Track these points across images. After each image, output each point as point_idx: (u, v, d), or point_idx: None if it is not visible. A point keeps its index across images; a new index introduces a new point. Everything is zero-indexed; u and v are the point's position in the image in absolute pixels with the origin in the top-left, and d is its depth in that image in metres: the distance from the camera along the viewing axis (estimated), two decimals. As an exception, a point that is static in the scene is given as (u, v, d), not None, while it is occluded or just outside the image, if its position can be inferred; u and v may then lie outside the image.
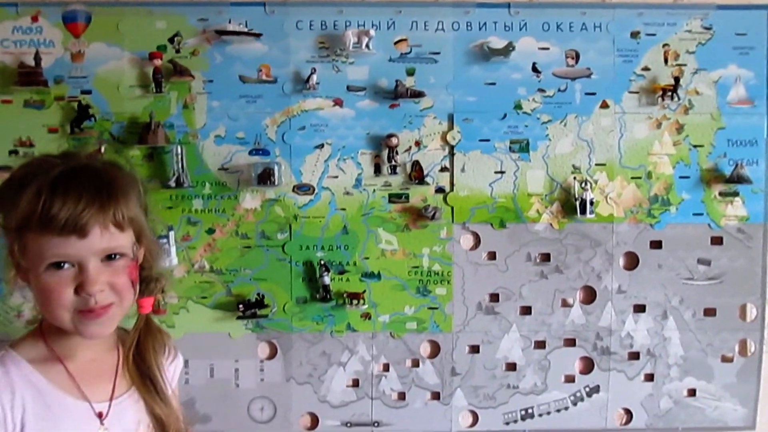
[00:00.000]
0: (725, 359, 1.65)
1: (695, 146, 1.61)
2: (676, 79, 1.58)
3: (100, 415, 1.10)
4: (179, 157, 1.54)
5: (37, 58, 1.53)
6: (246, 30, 1.55)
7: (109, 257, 1.05)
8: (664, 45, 1.60)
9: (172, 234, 1.55)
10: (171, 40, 1.55)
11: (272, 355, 1.62)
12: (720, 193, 1.62)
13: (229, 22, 1.55)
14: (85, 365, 1.12)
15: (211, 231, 1.58)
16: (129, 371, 1.16)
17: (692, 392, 1.65)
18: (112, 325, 1.09)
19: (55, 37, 1.55)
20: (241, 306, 1.57)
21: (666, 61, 1.60)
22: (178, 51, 1.55)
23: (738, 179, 1.59)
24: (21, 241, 1.04)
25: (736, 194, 1.61)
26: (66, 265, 1.02)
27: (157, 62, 1.53)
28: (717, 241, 1.63)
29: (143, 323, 1.19)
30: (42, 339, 1.11)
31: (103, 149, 1.53)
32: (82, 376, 1.10)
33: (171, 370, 1.26)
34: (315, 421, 1.63)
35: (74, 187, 1.03)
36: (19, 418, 1.04)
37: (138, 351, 1.17)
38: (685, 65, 1.60)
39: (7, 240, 1.08)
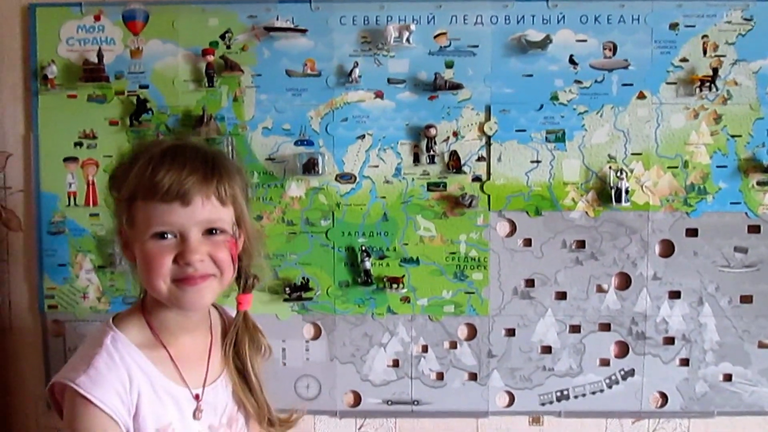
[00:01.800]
0: (762, 345, 1.65)
1: (733, 136, 1.62)
2: (715, 70, 1.58)
3: (196, 398, 1.16)
4: (230, 147, 1.61)
5: (100, 55, 1.61)
6: (292, 26, 1.61)
7: (210, 232, 1.09)
8: (703, 36, 1.60)
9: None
10: (222, 37, 1.62)
11: (317, 335, 1.69)
12: (758, 183, 1.62)
13: (277, 18, 1.61)
14: (184, 349, 1.16)
15: (259, 218, 1.64)
16: (227, 366, 1.21)
17: (728, 377, 1.66)
18: (209, 297, 1.11)
19: (115, 35, 1.63)
20: (287, 289, 1.64)
21: (705, 52, 1.60)
22: (228, 47, 1.62)
23: (776, 168, 1.59)
24: (129, 213, 1.09)
25: (774, 183, 1.62)
26: (169, 236, 1.07)
27: (210, 58, 1.60)
28: (754, 229, 1.63)
29: (242, 320, 1.23)
30: (145, 321, 1.15)
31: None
32: (182, 361, 1.15)
33: None
34: (358, 398, 1.70)
35: (180, 157, 1.08)
36: (135, 401, 1.08)
37: (235, 348, 1.22)
38: (724, 56, 1.60)
39: (116, 215, 1.14)
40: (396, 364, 1.69)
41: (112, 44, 1.63)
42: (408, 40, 1.58)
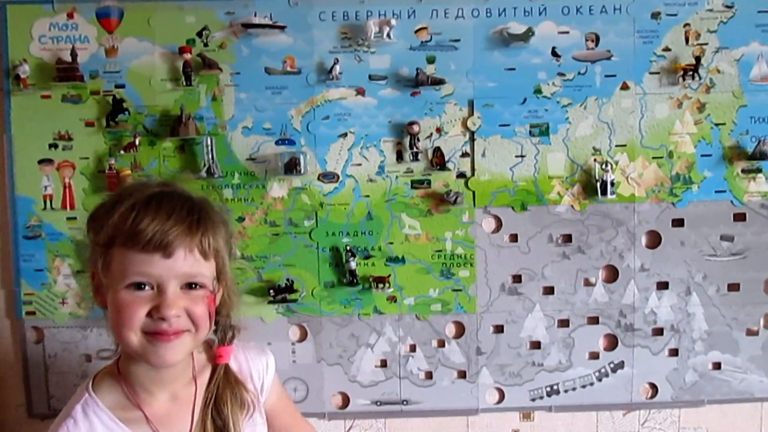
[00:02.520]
0: (750, 332, 1.66)
1: (717, 124, 1.61)
2: (697, 59, 1.58)
3: None
4: (209, 148, 1.59)
5: (74, 53, 1.57)
6: (271, 23, 1.58)
7: (189, 286, 1.05)
8: (685, 25, 1.59)
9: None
10: (199, 34, 1.59)
11: (303, 337, 1.67)
12: (743, 170, 1.62)
13: (255, 15, 1.58)
14: (163, 406, 1.12)
15: (241, 219, 1.62)
16: (205, 427, 1.13)
17: (717, 366, 1.67)
18: (181, 353, 1.07)
19: (90, 33, 1.59)
20: (271, 291, 1.62)
21: (687, 40, 1.59)
22: (206, 45, 1.59)
23: (761, 156, 1.59)
24: (106, 258, 1.04)
25: (759, 171, 1.61)
26: (146, 287, 1.02)
27: (187, 56, 1.57)
28: (740, 217, 1.63)
29: (222, 374, 1.17)
30: (120, 381, 1.11)
31: (137, 142, 1.58)
32: (161, 420, 1.10)
33: (266, 383, 1.26)
34: (346, 400, 1.68)
35: (166, 205, 1.04)
36: None
37: (215, 405, 1.15)
38: (706, 44, 1.60)
39: (91, 258, 1.09)
40: (384, 364, 1.67)
41: (86, 42, 1.60)
42: (389, 35, 1.56)
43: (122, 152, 1.59)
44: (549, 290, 1.65)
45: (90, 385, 1.12)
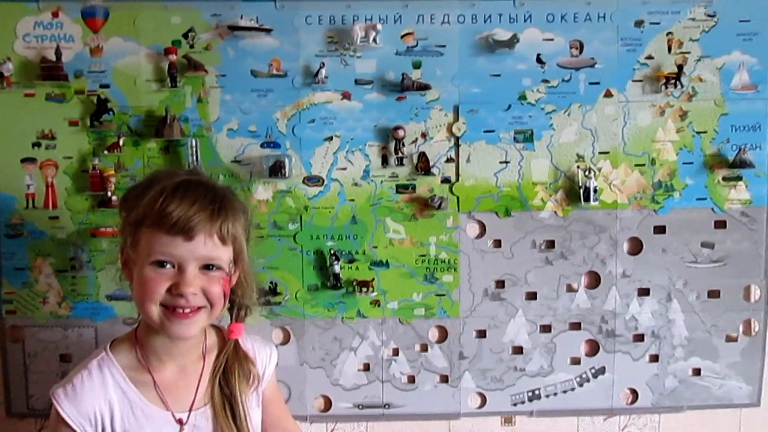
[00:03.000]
0: (730, 339, 1.68)
1: (699, 132, 1.63)
2: (680, 67, 1.60)
3: (180, 422, 1.20)
4: (194, 149, 1.58)
5: (58, 52, 1.56)
6: (257, 25, 1.58)
7: (207, 267, 1.16)
8: (668, 33, 1.61)
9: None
10: (185, 36, 1.58)
11: (286, 340, 1.67)
12: (723, 178, 1.64)
13: (241, 17, 1.58)
14: (171, 376, 1.22)
15: (225, 221, 1.62)
16: (213, 394, 1.24)
17: (697, 371, 1.68)
18: (196, 329, 1.18)
19: (74, 32, 1.59)
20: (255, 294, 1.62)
21: (670, 49, 1.61)
22: (192, 46, 1.59)
23: (741, 164, 1.61)
24: (135, 237, 1.16)
25: (739, 178, 1.63)
26: (167, 266, 1.13)
27: (172, 57, 1.57)
28: (721, 224, 1.65)
29: (232, 348, 1.28)
30: (136, 346, 1.23)
31: (121, 142, 1.58)
32: (168, 387, 1.21)
33: (268, 372, 1.36)
34: (328, 403, 1.68)
35: (192, 193, 1.15)
36: (108, 421, 1.17)
37: (224, 375, 1.26)
38: (688, 53, 1.61)
39: (122, 235, 1.22)
40: (367, 367, 1.67)
41: (71, 41, 1.59)
42: (375, 39, 1.57)
43: (106, 152, 1.58)
44: (532, 296, 1.66)
45: (108, 345, 1.23)
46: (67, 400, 1.15)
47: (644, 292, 1.66)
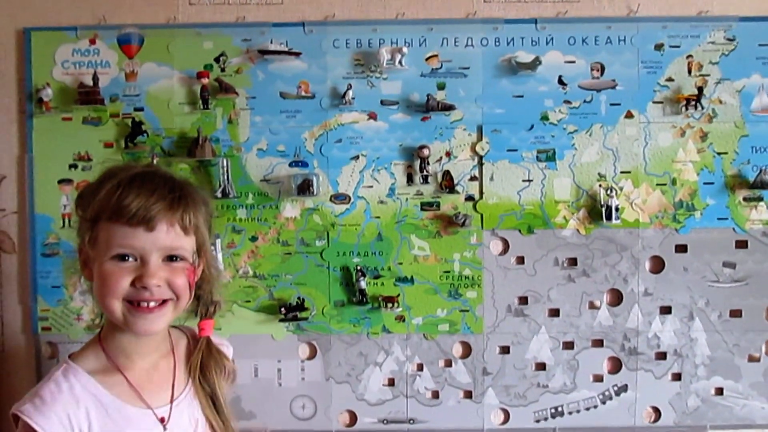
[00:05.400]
0: (752, 359, 1.68)
1: (719, 153, 1.65)
2: (700, 89, 1.63)
3: (162, 420, 1.14)
4: (225, 169, 1.63)
5: (95, 78, 1.63)
6: (286, 49, 1.63)
7: (171, 258, 1.10)
8: (688, 56, 1.64)
9: (218, 242, 1.64)
10: (217, 60, 1.64)
11: (312, 355, 1.69)
12: (744, 199, 1.65)
13: (271, 42, 1.63)
14: (143, 374, 1.15)
15: (254, 239, 1.66)
16: (197, 392, 1.20)
17: (720, 391, 1.68)
18: (162, 323, 1.12)
19: (110, 58, 1.65)
20: (282, 309, 1.65)
21: (690, 71, 1.64)
22: (223, 70, 1.64)
23: (762, 185, 1.62)
24: (92, 233, 1.10)
25: (760, 199, 1.65)
26: (129, 258, 1.07)
27: (204, 80, 1.62)
28: (742, 244, 1.66)
29: (205, 346, 1.24)
30: (101, 349, 1.14)
31: (155, 162, 1.62)
32: (142, 384, 1.14)
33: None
34: (353, 418, 1.70)
35: (149, 183, 1.10)
36: (84, 428, 1.07)
37: (202, 372, 1.22)
38: (708, 75, 1.64)
39: (79, 234, 1.14)
40: (391, 383, 1.69)
41: (107, 67, 1.65)
42: (400, 62, 1.61)
43: (140, 172, 1.63)
44: (554, 312, 1.68)
45: (68, 357, 1.16)
46: (38, 412, 1.05)
47: (666, 310, 1.67)
